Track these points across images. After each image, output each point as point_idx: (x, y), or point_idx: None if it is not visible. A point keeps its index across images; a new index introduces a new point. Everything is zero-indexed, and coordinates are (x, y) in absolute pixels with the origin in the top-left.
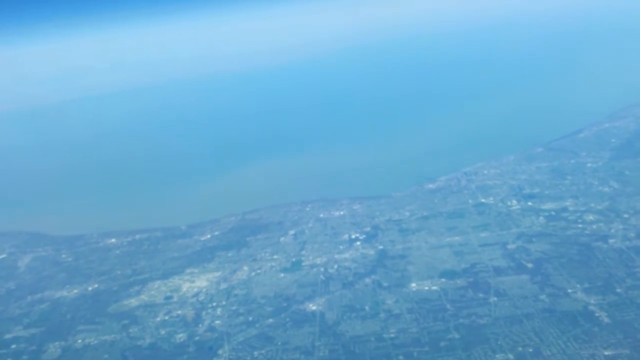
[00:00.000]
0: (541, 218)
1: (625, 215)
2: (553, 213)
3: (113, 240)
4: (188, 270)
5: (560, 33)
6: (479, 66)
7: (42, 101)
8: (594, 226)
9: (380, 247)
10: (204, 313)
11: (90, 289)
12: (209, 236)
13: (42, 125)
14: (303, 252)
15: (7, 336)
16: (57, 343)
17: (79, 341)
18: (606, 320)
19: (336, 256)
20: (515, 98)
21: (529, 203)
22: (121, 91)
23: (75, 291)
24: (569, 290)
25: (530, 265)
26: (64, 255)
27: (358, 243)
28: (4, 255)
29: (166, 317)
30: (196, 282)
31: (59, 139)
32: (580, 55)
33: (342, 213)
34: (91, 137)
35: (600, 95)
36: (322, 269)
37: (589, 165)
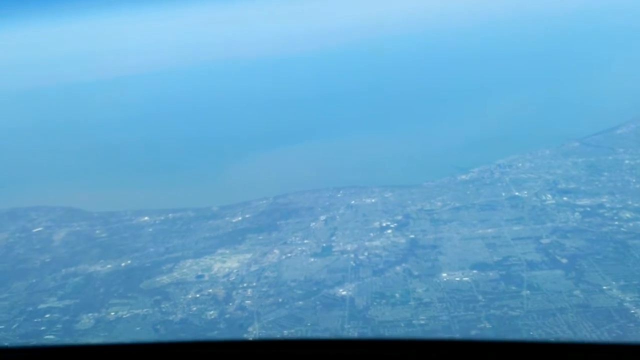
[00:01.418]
0: (576, 214)
1: None
2: (589, 209)
3: (146, 218)
4: (219, 251)
5: (597, 28)
6: (515, 59)
7: (65, 80)
8: (631, 224)
9: (412, 236)
10: (234, 293)
11: (123, 264)
12: (240, 218)
13: (71, 105)
14: (333, 238)
15: (42, 306)
16: (90, 314)
17: (112, 314)
18: None
19: (367, 243)
20: (551, 92)
21: (564, 198)
22: (146, 73)
23: (108, 266)
24: (604, 287)
25: (564, 260)
26: (98, 231)
27: (389, 231)
28: (40, 229)
29: (197, 295)
30: (227, 263)
31: (89, 119)
32: (619, 50)
33: (373, 200)
34: (122, 118)
35: (638, 90)
36: (352, 256)
37: (626, 162)
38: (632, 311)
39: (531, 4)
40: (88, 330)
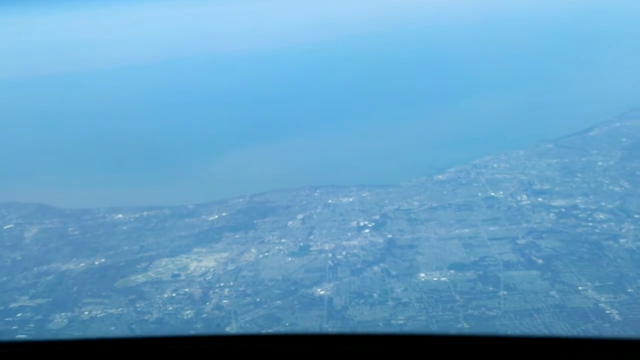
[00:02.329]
0: (551, 214)
1: (636, 216)
2: (563, 210)
3: (120, 215)
4: (195, 250)
5: (571, 30)
6: (489, 60)
7: (45, 70)
8: (605, 225)
9: (389, 235)
10: (211, 292)
11: (97, 263)
12: (216, 217)
13: (46, 96)
14: (311, 237)
15: (13, 305)
16: (63, 314)
17: (85, 313)
18: (617, 317)
19: (344, 243)
20: (524, 93)
21: (539, 199)
22: (121, 67)
23: (81, 265)
24: (580, 288)
25: (540, 261)
26: (70, 229)
27: (367, 231)
28: (10, 226)
29: (173, 294)
30: (203, 262)
31: (64, 111)
32: (591, 52)
33: (350, 200)
34: (98, 111)
35: (611, 93)
36: (330, 255)
37: (599, 163)
38: (608, 312)
39: (507, 7)
40: (61, 329)
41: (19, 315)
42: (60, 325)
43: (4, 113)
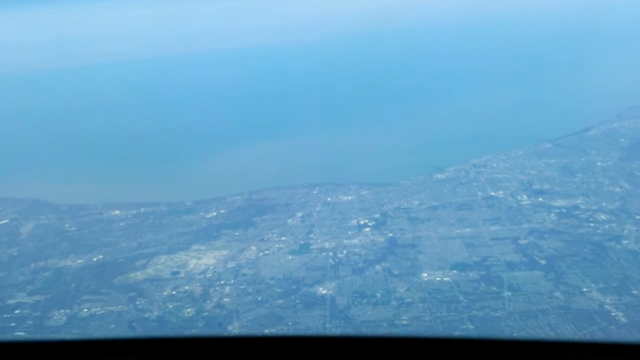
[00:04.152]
0: (552, 215)
1: (638, 217)
2: (564, 210)
3: (117, 212)
4: (194, 247)
5: (569, 30)
6: (488, 60)
7: (33, 66)
8: (606, 226)
9: (390, 234)
10: (211, 290)
11: (94, 259)
12: (214, 214)
13: (38, 93)
14: (311, 236)
15: (11, 302)
16: (62, 311)
17: (85, 310)
18: (623, 319)
19: (345, 241)
20: (522, 93)
21: (540, 199)
22: (120, 62)
23: (79, 261)
24: (584, 289)
25: (543, 261)
26: (67, 225)
27: (367, 229)
28: (5, 221)
29: (173, 292)
30: (203, 259)
31: (60, 107)
32: (589, 53)
33: (350, 198)
34: (94, 107)
35: (608, 93)
36: (331, 254)
37: (598, 164)
38: (613, 314)
39: (506, 6)
40: (60, 327)
41: (17, 312)
42: (59, 323)
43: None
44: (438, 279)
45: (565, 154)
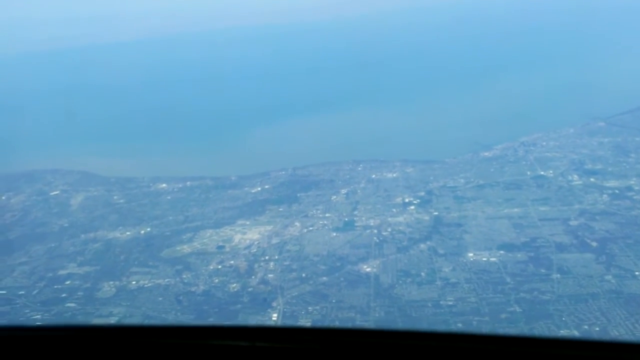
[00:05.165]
0: (604, 196)
1: None
2: (617, 191)
3: (164, 185)
4: (239, 222)
5: (627, 5)
6: (540, 35)
7: (83, 42)
8: None
9: (435, 213)
10: (256, 265)
11: (142, 232)
12: (259, 189)
13: (89, 68)
14: (355, 213)
15: (62, 272)
16: (111, 282)
17: (133, 282)
18: None
19: (389, 219)
20: (575, 71)
21: (592, 179)
22: (169, 37)
23: (128, 233)
24: (637, 273)
25: (594, 244)
26: (115, 197)
27: (412, 207)
28: (56, 192)
29: (219, 266)
30: (248, 234)
31: (107, 83)
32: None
33: (394, 175)
34: (140, 83)
35: None
36: (375, 231)
37: None
38: None
39: None
40: (110, 299)
41: (67, 282)
42: (108, 295)
43: (52, 83)
44: (484, 259)
45: (618, 133)
